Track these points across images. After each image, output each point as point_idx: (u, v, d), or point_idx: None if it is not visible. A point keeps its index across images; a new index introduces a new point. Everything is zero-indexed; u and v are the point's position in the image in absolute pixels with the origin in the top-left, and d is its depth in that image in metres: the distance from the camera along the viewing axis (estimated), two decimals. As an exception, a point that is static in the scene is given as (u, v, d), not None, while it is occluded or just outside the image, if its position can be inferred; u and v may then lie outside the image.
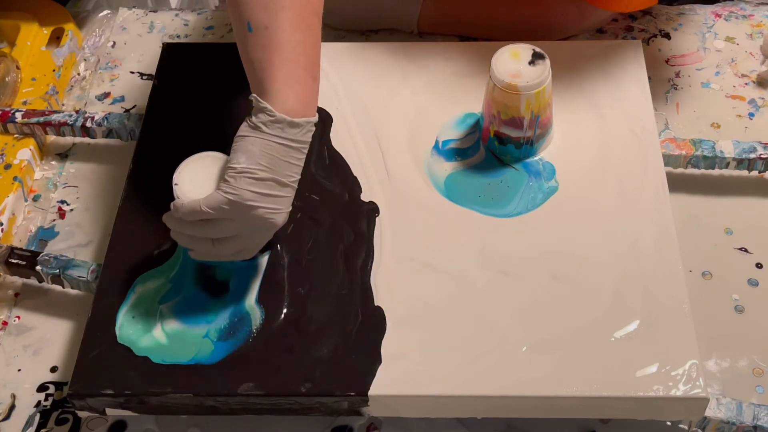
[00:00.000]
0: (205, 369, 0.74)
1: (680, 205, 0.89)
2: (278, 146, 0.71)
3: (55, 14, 1.10)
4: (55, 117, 0.96)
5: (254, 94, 0.72)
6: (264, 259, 0.80)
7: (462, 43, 0.98)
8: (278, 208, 0.72)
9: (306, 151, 0.73)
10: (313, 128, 0.73)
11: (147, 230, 0.82)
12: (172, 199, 0.76)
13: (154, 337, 0.76)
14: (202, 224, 0.73)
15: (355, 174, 0.86)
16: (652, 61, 1.01)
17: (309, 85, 0.74)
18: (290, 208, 0.74)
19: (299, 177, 0.73)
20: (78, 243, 0.91)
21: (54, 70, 1.04)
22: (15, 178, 0.94)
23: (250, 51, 0.73)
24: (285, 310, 0.77)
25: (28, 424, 0.80)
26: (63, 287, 0.86)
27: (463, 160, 0.86)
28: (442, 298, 0.77)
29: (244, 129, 0.72)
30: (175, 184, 0.74)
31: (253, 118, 0.71)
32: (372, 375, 0.72)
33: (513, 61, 0.81)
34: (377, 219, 0.82)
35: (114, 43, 1.10)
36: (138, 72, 1.07)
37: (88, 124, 0.95)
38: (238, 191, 0.70)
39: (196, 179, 0.74)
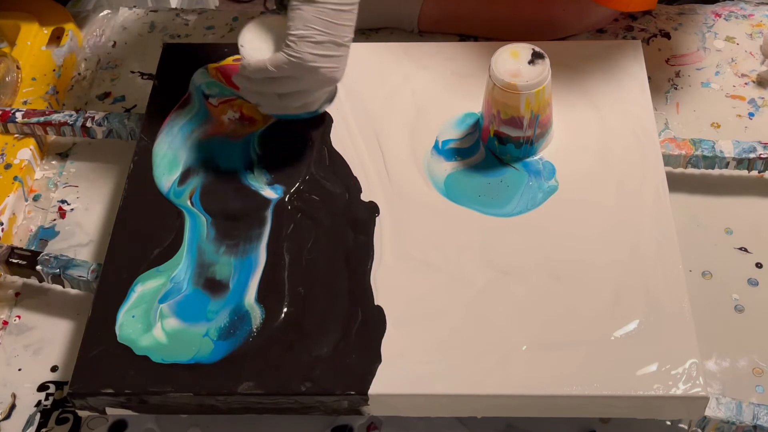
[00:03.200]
0: (205, 368, 0.74)
1: (680, 205, 0.89)
2: (330, 11, 0.78)
3: (55, 14, 1.10)
4: (55, 117, 0.96)
5: None
6: (263, 258, 0.80)
7: (462, 43, 0.99)
8: (336, 66, 0.80)
9: (356, 11, 0.80)
10: None
11: (147, 230, 0.83)
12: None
13: (154, 336, 0.76)
14: (269, 81, 0.81)
15: (355, 174, 0.86)
16: (652, 61, 1.01)
17: None
18: (346, 65, 0.81)
19: (353, 35, 0.80)
20: (78, 243, 0.91)
21: (54, 70, 1.04)
22: (15, 178, 0.94)
23: None
24: (285, 310, 0.77)
25: (28, 423, 0.80)
26: (63, 287, 0.86)
27: (463, 159, 0.86)
28: (442, 298, 0.77)
29: (296, 1, 0.78)
30: (241, 46, 0.82)
31: None
32: (372, 374, 0.73)
33: (512, 61, 0.81)
34: (377, 219, 0.82)
35: (114, 42, 1.10)
36: (138, 72, 1.07)
37: (89, 123, 0.95)
38: (300, 54, 0.78)
39: (259, 41, 0.83)
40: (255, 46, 0.82)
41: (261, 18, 0.84)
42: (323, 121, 0.90)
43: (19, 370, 0.83)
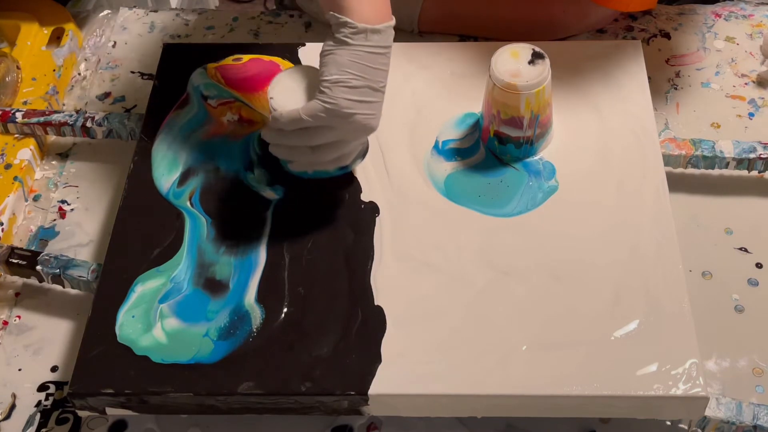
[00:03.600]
0: (205, 368, 0.74)
1: (680, 205, 0.89)
2: (365, 54, 0.75)
3: (56, 14, 1.10)
4: (55, 117, 0.96)
5: (332, 12, 0.75)
6: (263, 258, 0.80)
7: (462, 43, 0.99)
8: (373, 113, 0.77)
9: (390, 55, 0.77)
10: (393, 32, 0.77)
11: (147, 230, 0.83)
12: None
13: (154, 336, 0.76)
14: (302, 133, 0.78)
15: (355, 174, 0.86)
16: (652, 61, 1.01)
17: None
18: (381, 112, 0.78)
19: (387, 81, 0.77)
20: (78, 243, 0.91)
21: (54, 70, 1.04)
22: (15, 178, 0.94)
23: None
24: (285, 310, 0.77)
25: (28, 423, 0.80)
26: (63, 287, 0.86)
27: (463, 159, 0.86)
28: (442, 298, 0.77)
29: (329, 44, 0.76)
30: (271, 98, 0.79)
31: (336, 35, 0.75)
32: (372, 374, 0.73)
33: (513, 61, 0.81)
34: (377, 219, 0.82)
35: (114, 43, 1.10)
36: (139, 72, 1.07)
37: (89, 124, 0.95)
38: (335, 100, 0.74)
39: (289, 92, 0.79)
40: (286, 96, 0.78)
41: (290, 69, 0.81)
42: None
43: (19, 370, 0.83)
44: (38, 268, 0.85)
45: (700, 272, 0.86)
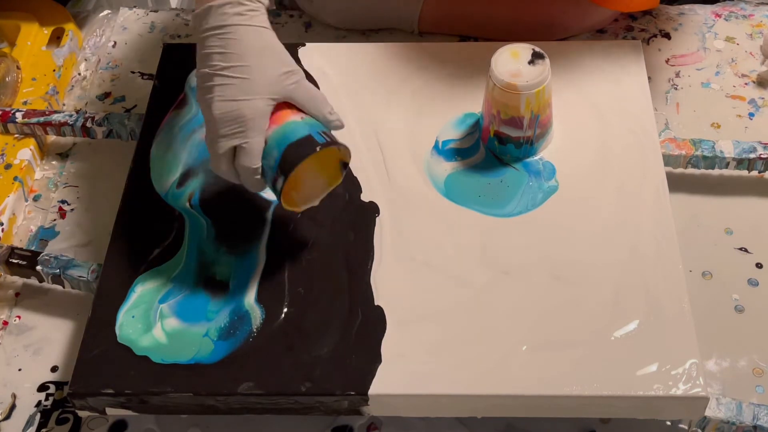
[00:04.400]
0: (205, 368, 0.74)
1: (680, 205, 0.89)
2: (196, 39, 0.75)
3: (56, 14, 1.10)
4: (55, 117, 0.96)
5: None
6: (263, 258, 0.80)
7: (462, 43, 0.99)
8: (207, 96, 0.74)
9: (220, 37, 0.73)
10: (210, 12, 0.73)
11: (147, 230, 0.83)
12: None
13: (154, 336, 0.76)
14: None
15: (355, 174, 0.86)
16: (652, 61, 1.01)
17: None
18: (224, 96, 0.73)
19: (224, 63, 0.73)
20: (78, 243, 0.91)
21: (54, 70, 1.04)
22: (15, 178, 0.94)
23: None
24: (285, 310, 0.77)
25: (28, 423, 0.80)
26: (63, 287, 0.86)
27: (463, 160, 0.86)
28: (442, 298, 0.77)
29: None
30: None
31: None
32: (372, 374, 0.73)
33: (513, 61, 0.81)
34: (377, 219, 0.82)
35: (115, 43, 1.10)
36: (139, 72, 1.07)
37: (89, 124, 0.95)
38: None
39: None
40: None
41: None
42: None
43: (19, 370, 0.83)
44: (38, 268, 0.85)
45: (700, 272, 0.86)
